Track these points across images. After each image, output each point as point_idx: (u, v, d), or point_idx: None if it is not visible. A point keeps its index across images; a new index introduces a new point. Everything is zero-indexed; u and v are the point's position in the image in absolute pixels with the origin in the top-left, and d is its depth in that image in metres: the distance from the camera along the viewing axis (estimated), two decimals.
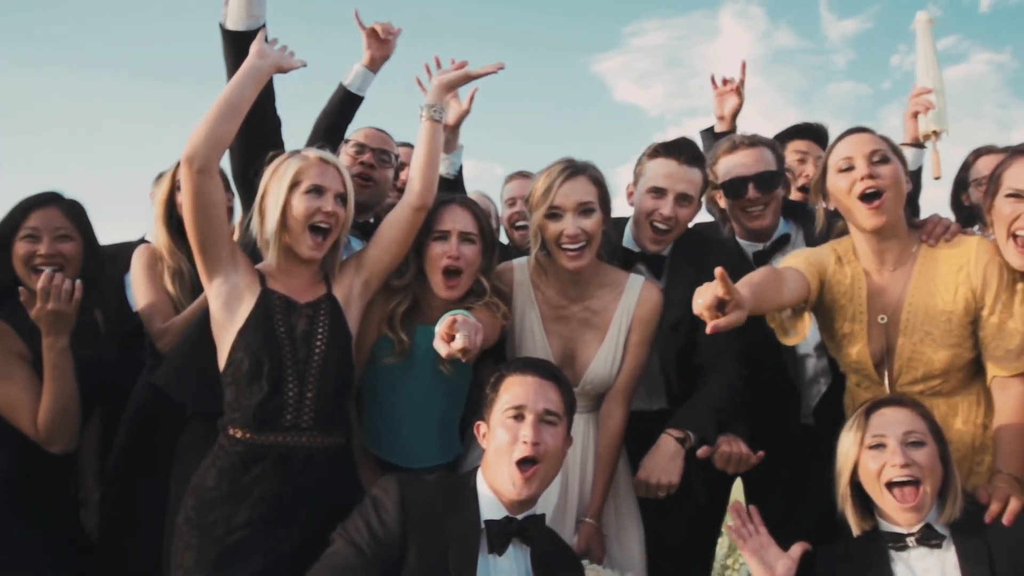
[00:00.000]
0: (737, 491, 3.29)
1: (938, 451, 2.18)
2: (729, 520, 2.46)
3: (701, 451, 2.52)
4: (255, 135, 2.66)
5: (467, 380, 2.69)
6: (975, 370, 2.47)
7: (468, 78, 2.72)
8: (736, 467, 2.57)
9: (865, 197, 2.41)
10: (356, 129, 3.28)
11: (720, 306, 1.98)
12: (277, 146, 2.72)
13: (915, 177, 3.01)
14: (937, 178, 2.96)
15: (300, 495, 2.33)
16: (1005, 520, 2.10)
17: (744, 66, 3.53)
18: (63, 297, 2.57)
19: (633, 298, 2.73)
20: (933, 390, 2.47)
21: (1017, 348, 2.34)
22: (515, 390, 2.21)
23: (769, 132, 3.59)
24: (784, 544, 2.32)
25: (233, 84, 2.44)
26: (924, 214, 2.76)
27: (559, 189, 2.58)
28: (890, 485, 2.14)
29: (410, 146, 3.25)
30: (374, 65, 3.22)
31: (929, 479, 2.13)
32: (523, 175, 4.11)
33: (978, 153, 3.41)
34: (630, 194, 2.95)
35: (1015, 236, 2.33)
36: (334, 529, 2.14)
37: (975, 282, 2.39)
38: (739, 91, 3.50)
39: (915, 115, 2.96)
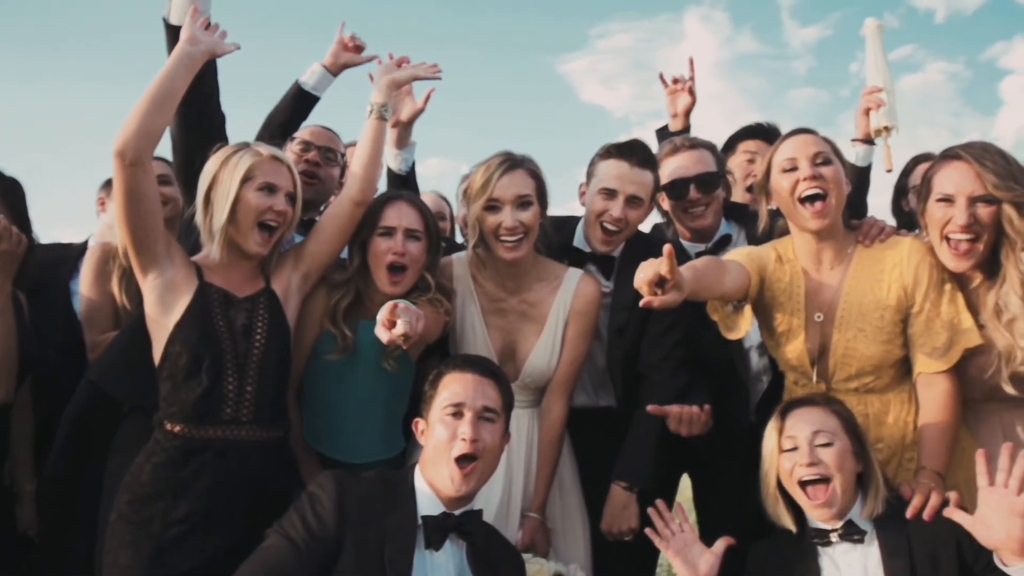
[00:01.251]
0: (686, 489, 3.35)
1: (851, 447, 2.25)
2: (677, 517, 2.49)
3: (652, 408, 2.56)
4: (200, 130, 2.64)
5: (410, 376, 2.70)
6: (906, 369, 2.53)
7: (414, 78, 2.80)
8: (690, 427, 2.57)
9: (808, 199, 2.46)
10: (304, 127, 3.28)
11: (660, 284, 2.03)
12: (222, 141, 2.67)
13: (865, 174, 3.10)
14: (889, 171, 3.03)
15: (239, 489, 2.32)
16: (925, 516, 2.16)
17: (692, 63, 3.58)
18: (13, 239, 2.61)
19: (570, 291, 2.76)
20: (866, 387, 2.53)
21: (942, 346, 2.40)
22: (454, 387, 2.22)
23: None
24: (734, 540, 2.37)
25: (165, 73, 2.37)
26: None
27: (497, 182, 2.61)
28: (802, 484, 2.21)
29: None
30: (334, 68, 3.23)
31: (838, 476, 2.20)
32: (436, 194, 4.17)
33: (917, 160, 3.49)
34: (582, 194, 2.98)
35: (947, 239, 2.39)
36: (274, 520, 2.13)
37: (907, 280, 2.46)
38: (690, 89, 3.54)
39: (866, 112, 3.02)
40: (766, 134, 3.57)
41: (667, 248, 1.98)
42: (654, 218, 3.32)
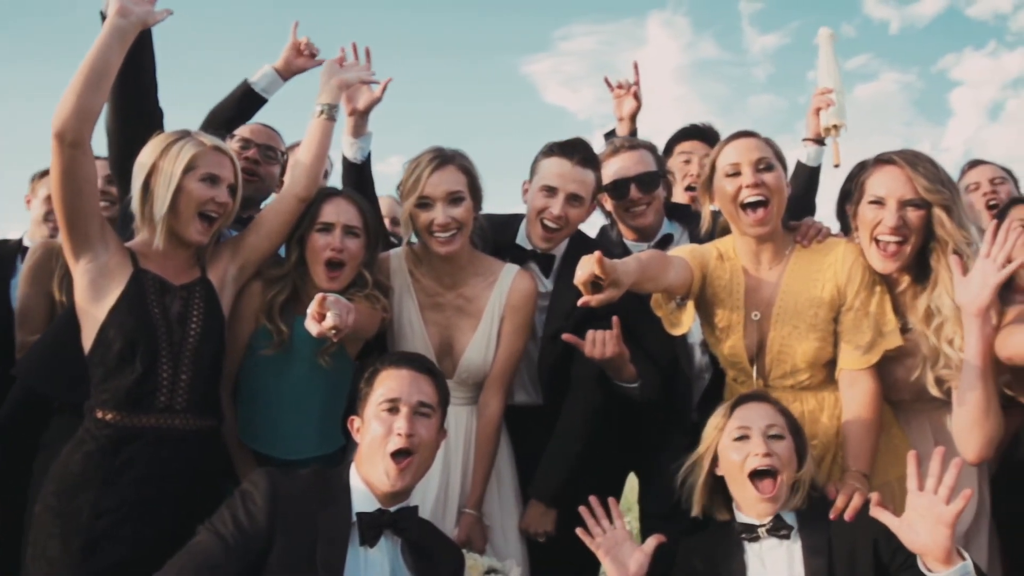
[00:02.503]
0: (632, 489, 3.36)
1: (794, 445, 2.29)
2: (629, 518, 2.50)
3: (566, 336, 2.58)
4: (137, 124, 2.60)
5: (348, 373, 2.68)
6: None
7: (361, 81, 2.83)
8: (603, 348, 2.56)
9: (750, 205, 2.51)
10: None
11: (596, 284, 2.05)
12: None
13: (814, 174, 3.16)
14: (836, 166, 3.08)
15: (172, 478, 2.31)
16: (847, 516, 2.21)
17: (636, 68, 3.60)
18: None
19: (506, 286, 2.78)
20: (801, 384, 2.58)
21: (865, 344, 2.46)
22: (389, 383, 2.22)
23: None
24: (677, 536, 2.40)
25: (97, 49, 2.29)
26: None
27: (428, 179, 2.62)
28: (752, 476, 2.23)
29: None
30: (286, 72, 3.21)
31: (786, 470, 2.24)
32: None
33: (862, 166, 3.55)
34: (525, 191, 3.00)
35: (877, 241, 2.45)
36: (205, 514, 2.11)
37: (840, 279, 2.51)
38: (636, 94, 3.57)
39: (817, 111, 3.08)
40: (701, 134, 3.62)
41: (597, 254, 2.00)
42: (601, 220, 3.35)
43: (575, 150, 2.82)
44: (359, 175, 3.10)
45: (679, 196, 3.51)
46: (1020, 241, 2.16)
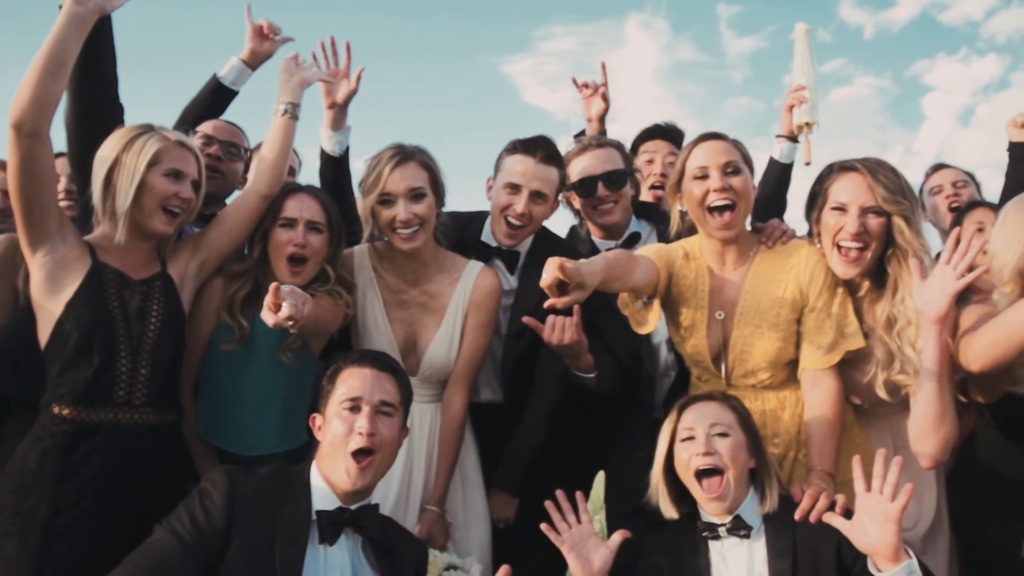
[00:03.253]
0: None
1: (746, 441, 2.31)
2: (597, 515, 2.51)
3: (527, 319, 2.58)
4: (97, 119, 2.58)
5: (311, 370, 2.66)
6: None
7: (321, 79, 2.84)
8: (561, 333, 2.55)
9: (717, 208, 2.53)
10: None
11: (562, 286, 2.06)
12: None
13: (786, 170, 3.19)
14: (808, 163, 3.13)
15: (132, 474, 2.29)
16: (812, 518, 2.23)
17: (604, 68, 3.61)
18: None
19: (470, 283, 2.79)
20: (763, 384, 2.61)
21: (827, 344, 2.49)
22: (351, 382, 2.21)
23: None
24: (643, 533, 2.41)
25: (54, 38, 2.26)
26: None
27: (389, 176, 2.63)
28: (698, 476, 2.26)
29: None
30: (253, 61, 3.18)
31: (732, 468, 2.25)
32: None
33: (832, 168, 3.59)
34: (489, 188, 3.00)
35: (839, 246, 2.48)
36: (167, 511, 2.09)
37: (803, 280, 2.54)
38: (603, 95, 3.58)
39: (790, 108, 3.12)
40: (664, 134, 3.65)
41: (558, 261, 2.01)
42: (570, 218, 3.36)
43: (538, 147, 2.83)
44: (337, 168, 3.10)
45: (644, 195, 3.53)
46: (979, 247, 2.19)
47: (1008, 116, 3.35)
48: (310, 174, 4.49)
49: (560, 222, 3.40)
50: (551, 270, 2.02)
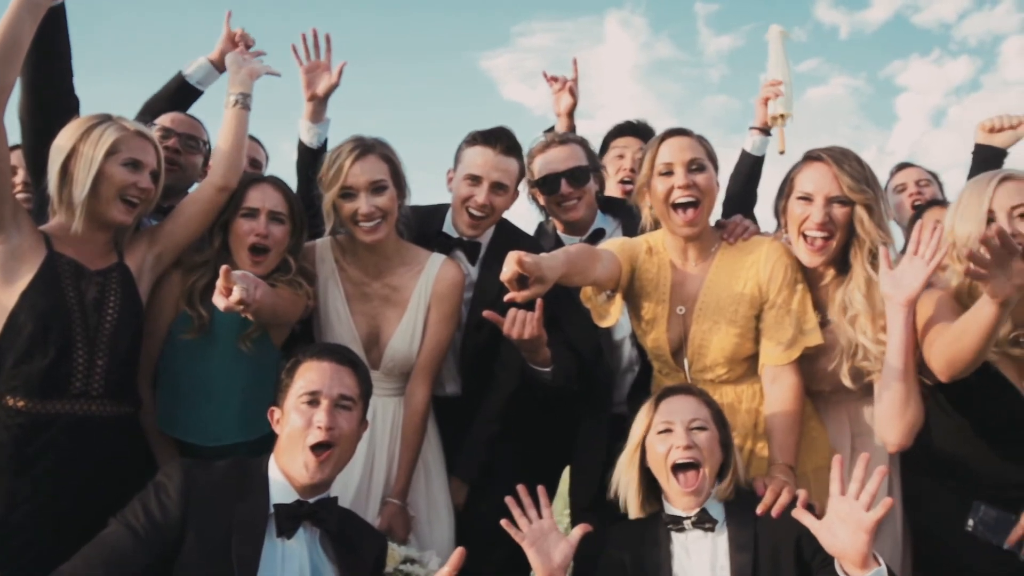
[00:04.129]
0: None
1: (719, 437, 2.33)
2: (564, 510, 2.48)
3: (487, 313, 2.57)
4: (51, 111, 2.55)
5: (273, 359, 2.65)
6: (758, 362, 2.63)
7: (270, 73, 2.84)
8: (522, 328, 2.54)
9: (681, 205, 2.54)
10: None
11: (522, 280, 2.06)
12: None
13: (758, 163, 3.23)
14: (782, 152, 3.17)
15: (89, 466, 2.28)
16: (774, 513, 2.25)
17: (576, 64, 3.63)
18: None
19: (432, 275, 2.79)
20: (721, 378, 2.64)
21: (787, 340, 2.52)
22: (310, 375, 2.20)
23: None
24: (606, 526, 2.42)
25: (6, 22, 2.24)
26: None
27: (350, 169, 2.63)
28: (675, 469, 2.26)
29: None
30: (221, 64, 3.16)
31: (708, 462, 2.28)
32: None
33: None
34: (449, 180, 3.02)
35: (804, 235, 2.51)
36: (124, 503, 2.08)
37: (762, 277, 2.57)
38: (571, 90, 3.60)
39: (765, 101, 3.15)
40: (635, 131, 3.67)
41: (515, 255, 2.01)
42: (537, 215, 3.38)
43: (498, 139, 2.86)
44: (315, 160, 3.08)
45: (613, 190, 3.56)
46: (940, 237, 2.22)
47: (979, 118, 3.38)
48: (279, 167, 4.48)
49: (530, 219, 3.40)
50: (510, 264, 2.02)
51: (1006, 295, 1.97)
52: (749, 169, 3.22)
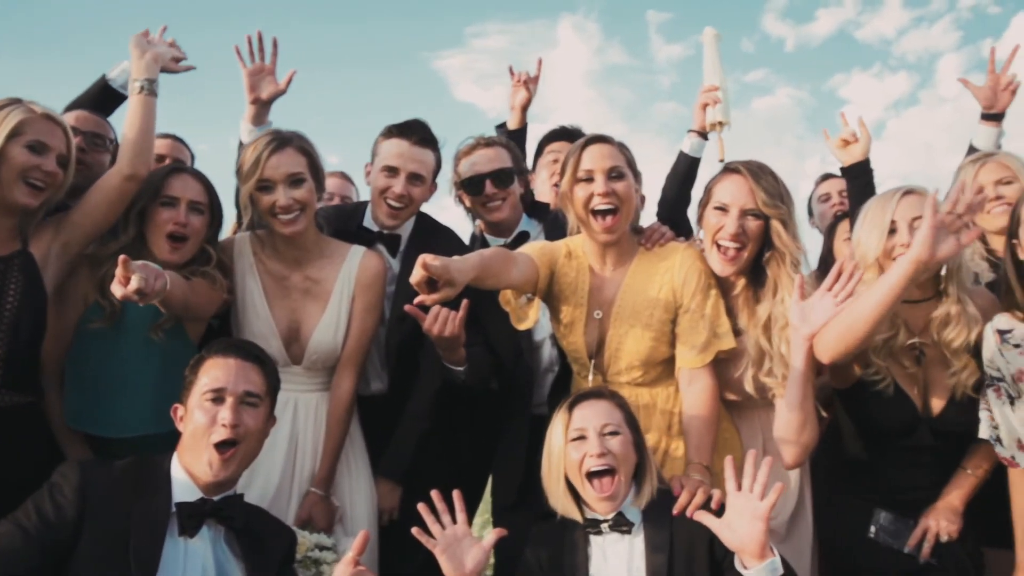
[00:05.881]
0: None
1: (632, 440, 2.35)
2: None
3: (408, 308, 2.52)
4: None
5: (189, 353, 2.56)
6: (673, 365, 2.67)
7: (175, 58, 2.81)
8: (442, 326, 2.53)
9: (600, 212, 2.57)
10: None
11: (431, 284, 2.06)
12: None
13: (694, 165, 3.27)
14: (722, 160, 3.15)
15: None
16: (689, 513, 2.28)
17: (540, 63, 3.76)
18: None
19: (354, 266, 2.79)
20: (637, 380, 2.67)
21: (701, 344, 2.57)
22: (214, 372, 2.17)
23: None
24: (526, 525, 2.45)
25: None
26: None
27: (267, 162, 2.62)
28: (589, 476, 2.28)
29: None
30: None
31: (623, 467, 2.30)
32: (339, 175, 4.18)
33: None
34: (367, 173, 3.04)
35: (718, 245, 2.56)
36: (26, 493, 2.03)
37: (677, 282, 2.61)
38: (528, 86, 3.69)
39: (704, 107, 3.20)
40: (570, 136, 3.68)
41: (421, 259, 2.00)
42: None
43: (413, 131, 2.92)
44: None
45: (547, 193, 3.59)
46: (859, 279, 2.28)
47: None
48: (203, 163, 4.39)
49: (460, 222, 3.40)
50: (417, 268, 2.02)
51: (926, 259, 2.05)
52: (685, 170, 3.27)
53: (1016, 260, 2.34)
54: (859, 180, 3.29)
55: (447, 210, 3.29)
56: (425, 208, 3.13)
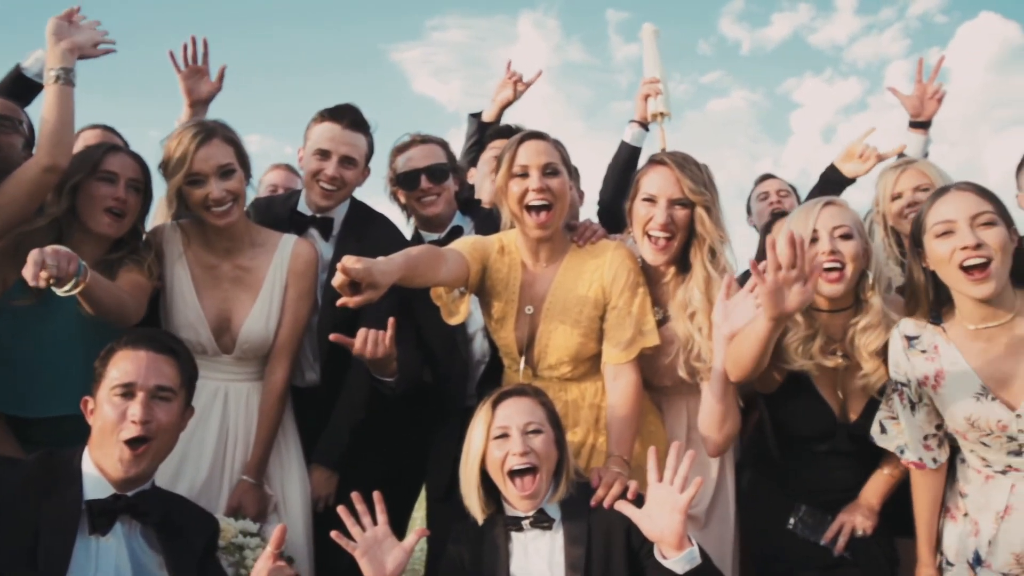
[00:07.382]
0: None
1: (554, 436, 2.37)
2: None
3: (333, 337, 2.47)
4: None
5: (118, 334, 2.52)
6: (600, 361, 2.69)
7: (94, 42, 2.69)
8: (374, 348, 2.46)
9: (534, 208, 2.57)
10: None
11: (354, 286, 2.03)
12: None
13: (635, 153, 3.35)
14: (663, 150, 3.18)
15: None
16: (606, 504, 2.31)
17: (539, 73, 3.88)
18: None
19: (286, 254, 2.79)
20: (565, 376, 2.69)
21: (626, 340, 2.60)
22: (124, 365, 2.10)
23: None
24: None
25: None
26: None
27: (195, 155, 2.59)
28: (511, 474, 2.29)
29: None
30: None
31: (545, 464, 2.31)
32: (285, 168, 4.20)
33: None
34: (300, 158, 3.05)
35: (649, 235, 2.61)
36: None
37: (606, 279, 2.63)
38: (516, 87, 3.77)
39: (645, 98, 3.30)
40: (513, 133, 3.72)
41: (340, 264, 1.98)
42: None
43: (344, 115, 2.94)
44: None
45: (487, 189, 3.55)
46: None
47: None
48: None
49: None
50: (339, 273, 1.99)
51: (776, 315, 2.13)
52: (626, 159, 3.34)
53: (923, 269, 2.34)
54: (828, 186, 3.36)
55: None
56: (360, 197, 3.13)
